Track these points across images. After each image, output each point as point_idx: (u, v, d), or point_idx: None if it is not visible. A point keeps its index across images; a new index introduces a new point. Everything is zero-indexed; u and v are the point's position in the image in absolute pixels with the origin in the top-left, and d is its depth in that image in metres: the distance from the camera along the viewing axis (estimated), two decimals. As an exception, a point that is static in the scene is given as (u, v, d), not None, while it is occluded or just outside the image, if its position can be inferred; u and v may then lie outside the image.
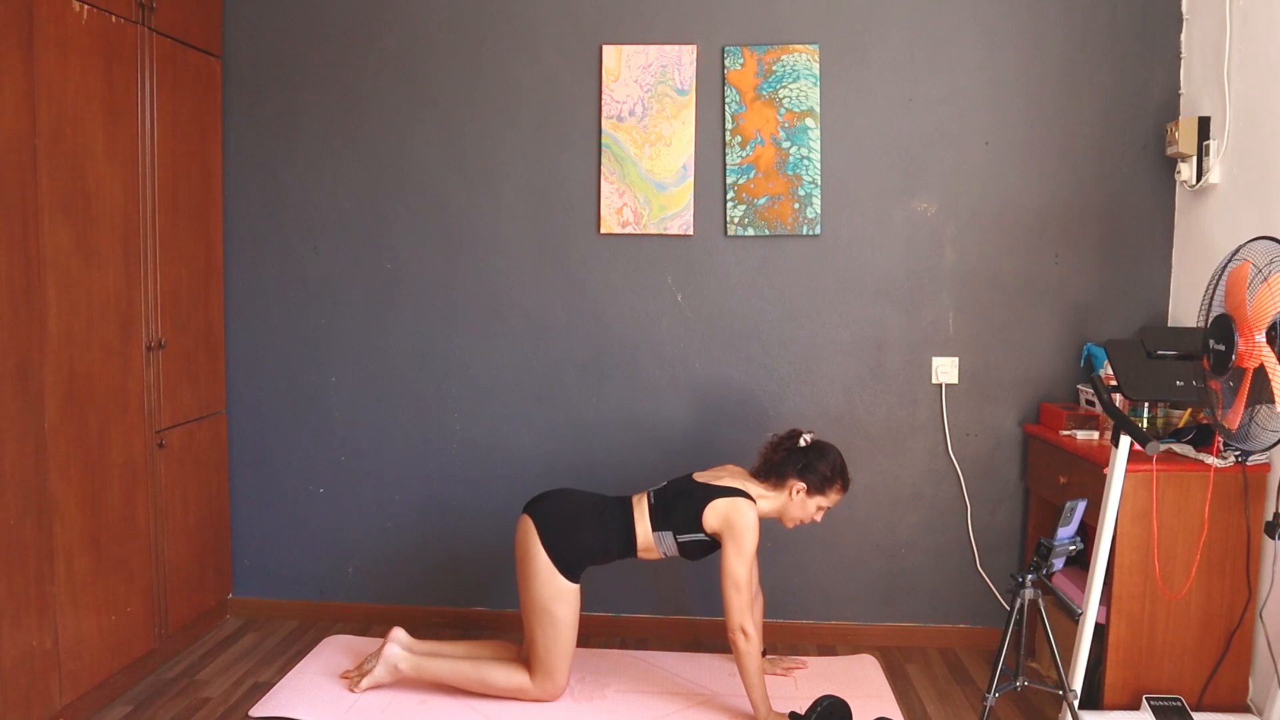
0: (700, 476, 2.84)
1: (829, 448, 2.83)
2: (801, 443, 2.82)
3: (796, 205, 3.30)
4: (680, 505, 2.77)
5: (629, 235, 3.37)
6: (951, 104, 3.28)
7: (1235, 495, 2.64)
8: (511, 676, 2.83)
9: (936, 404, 3.35)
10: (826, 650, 3.36)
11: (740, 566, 2.68)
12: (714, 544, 2.77)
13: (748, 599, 2.68)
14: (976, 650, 3.37)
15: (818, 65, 3.27)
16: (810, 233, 3.32)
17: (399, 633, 2.96)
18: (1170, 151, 3.13)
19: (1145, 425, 2.84)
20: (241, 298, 3.49)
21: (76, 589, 2.66)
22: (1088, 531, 2.70)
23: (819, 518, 2.84)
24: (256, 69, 3.43)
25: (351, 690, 2.90)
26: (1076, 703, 2.47)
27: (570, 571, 2.75)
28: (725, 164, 3.32)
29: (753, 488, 2.79)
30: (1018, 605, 2.38)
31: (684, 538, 2.77)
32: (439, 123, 3.40)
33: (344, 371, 3.49)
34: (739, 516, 2.70)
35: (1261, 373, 2.16)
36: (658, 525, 2.79)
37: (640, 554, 2.83)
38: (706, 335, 3.39)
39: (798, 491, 2.78)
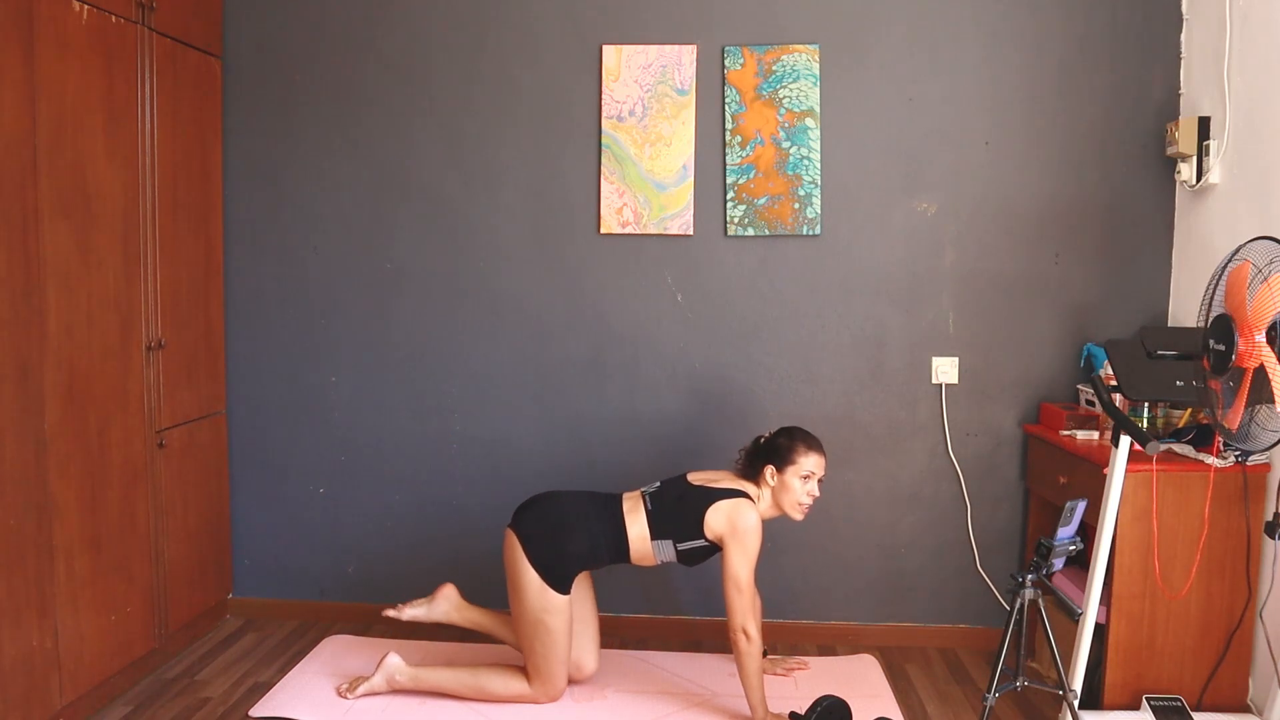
0: (695, 479, 2.83)
1: (783, 428, 2.85)
2: (761, 440, 2.86)
3: (796, 205, 3.30)
4: (680, 511, 2.75)
5: (629, 235, 3.37)
6: (951, 104, 3.28)
7: (1235, 495, 2.64)
8: (510, 684, 2.83)
9: (936, 404, 3.35)
10: (826, 650, 3.36)
11: (743, 568, 2.68)
12: (713, 549, 2.76)
13: (749, 600, 2.68)
14: (976, 650, 3.37)
15: (818, 65, 3.27)
16: (810, 233, 3.32)
17: (394, 655, 2.93)
18: (1170, 151, 3.13)
19: (1145, 425, 2.84)
20: (241, 298, 3.49)
21: (76, 589, 2.66)
22: (1088, 531, 2.69)
23: (813, 490, 2.77)
24: (256, 69, 3.43)
25: (344, 696, 2.88)
26: (1076, 703, 2.47)
27: (560, 584, 2.73)
28: (725, 164, 3.32)
29: (750, 489, 2.79)
30: (1018, 605, 2.38)
31: (684, 545, 2.75)
32: (439, 123, 3.40)
33: (344, 371, 3.49)
34: (742, 518, 2.70)
35: (1261, 373, 2.16)
36: (657, 533, 2.76)
37: (634, 561, 2.80)
38: (706, 335, 3.39)
39: (772, 475, 2.77)
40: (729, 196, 3.32)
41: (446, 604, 3.01)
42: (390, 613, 2.97)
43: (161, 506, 3.07)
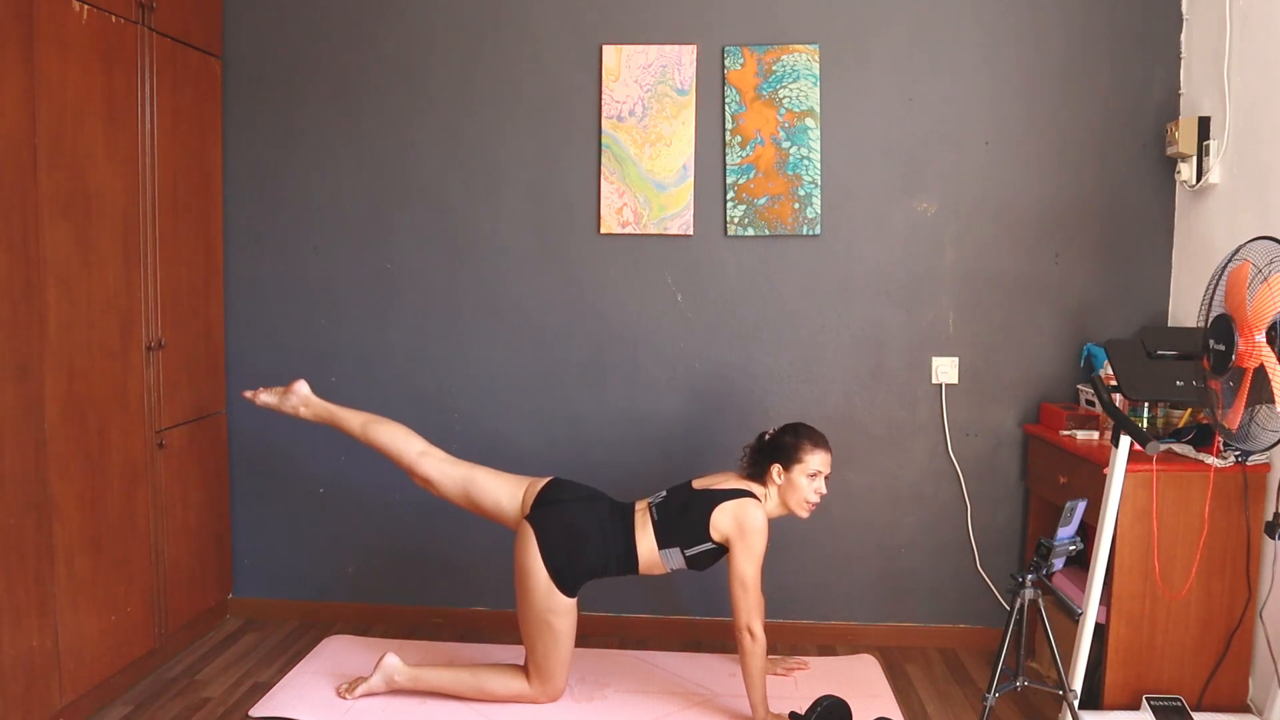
0: (700, 484, 2.84)
1: (788, 425, 2.85)
2: (765, 437, 2.86)
3: (796, 205, 3.30)
4: (685, 516, 2.75)
5: (629, 235, 3.37)
6: (951, 104, 3.28)
7: (1235, 495, 2.64)
8: (510, 683, 2.83)
9: (936, 404, 3.35)
10: (826, 650, 3.36)
11: (749, 567, 2.68)
12: (721, 551, 2.75)
13: (755, 599, 2.68)
14: (976, 650, 3.37)
15: (818, 65, 3.27)
16: (810, 233, 3.32)
17: (393, 656, 2.92)
18: (1170, 151, 3.13)
19: (1145, 425, 2.84)
20: (241, 298, 3.49)
21: (76, 589, 2.66)
22: (1088, 531, 2.69)
23: (820, 488, 2.79)
24: (256, 69, 3.43)
25: (344, 697, 2.87)
26: (1076, 703, 2.48)
27: (569, 589, 2.74)
28: (725, 164, 3.32)
29: (755, 489, 2.79)
30: (1018, 605, 2.38)
31: (691, 550, 2.75)
32: (439, 123, 3.40)
33: (344, 371, 3.49)
34: (748, 517, 2.70)
35: (1261, 373, 2.16)
36: (664, 542, 2.76)
37: (643, 571, 2.80)
38: (706, 335, 3.39)
39: (779, 473, 2.78)
40: (729, 196, 3.32)
41: (295, 398, 2.97)
42: (247, 394, 2.97)
43: (161, 506, 3.07)
